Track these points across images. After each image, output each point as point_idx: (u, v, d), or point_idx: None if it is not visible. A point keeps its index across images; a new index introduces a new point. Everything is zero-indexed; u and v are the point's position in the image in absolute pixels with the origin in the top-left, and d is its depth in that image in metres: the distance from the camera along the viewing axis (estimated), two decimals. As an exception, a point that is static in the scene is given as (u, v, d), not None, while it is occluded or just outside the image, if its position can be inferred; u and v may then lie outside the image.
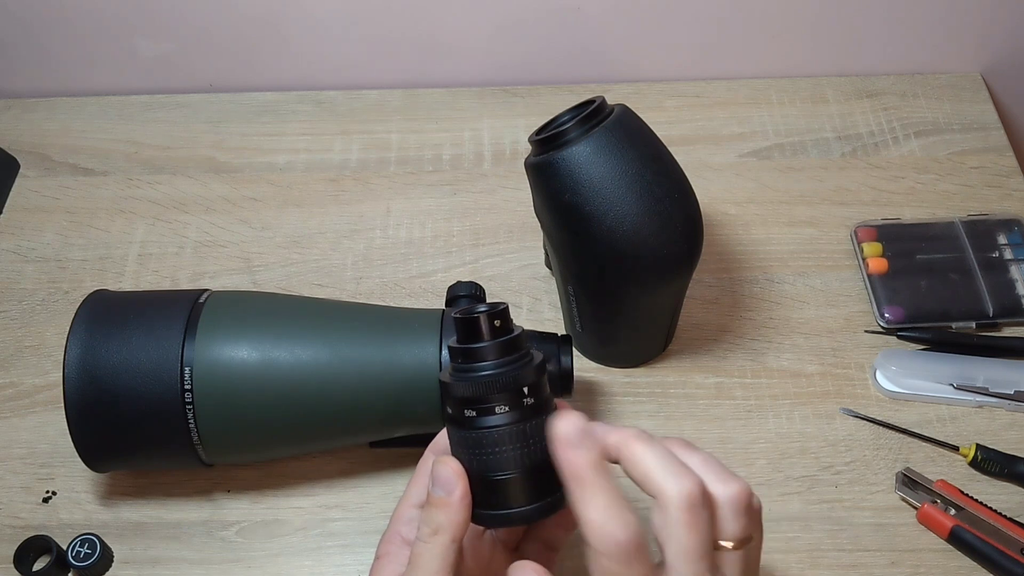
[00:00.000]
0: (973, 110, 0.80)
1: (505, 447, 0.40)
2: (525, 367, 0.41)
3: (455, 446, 0.42)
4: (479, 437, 0.41)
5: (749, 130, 0.79)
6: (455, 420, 0.42)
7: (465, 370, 0.41)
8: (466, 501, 0.41)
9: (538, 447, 0.41)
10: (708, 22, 0.79)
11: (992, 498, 0.58)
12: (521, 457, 0.41)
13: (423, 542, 0.41)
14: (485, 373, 0.41)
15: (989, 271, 0.67)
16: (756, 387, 0.64)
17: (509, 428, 0.40)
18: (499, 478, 0.41)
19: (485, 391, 0.40)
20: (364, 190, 0.75)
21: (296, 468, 0.60)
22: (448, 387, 0.41)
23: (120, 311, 0.54)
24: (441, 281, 0.70)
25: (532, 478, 0.41)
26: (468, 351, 0.41)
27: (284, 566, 0.57)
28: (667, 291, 0.59)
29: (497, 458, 0.41)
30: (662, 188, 0.54)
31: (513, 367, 0.41)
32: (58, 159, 0.78)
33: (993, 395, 0.62)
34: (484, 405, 0.40)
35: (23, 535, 0.57)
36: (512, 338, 0.41)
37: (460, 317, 0.42)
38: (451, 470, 0.41)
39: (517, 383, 0.41)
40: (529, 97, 0.82)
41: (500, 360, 0.41)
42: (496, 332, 0.41)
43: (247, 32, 0.79)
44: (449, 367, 0.42)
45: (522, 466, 0.41)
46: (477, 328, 0.41)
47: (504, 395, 0.40)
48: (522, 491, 0.41)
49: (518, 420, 0.40)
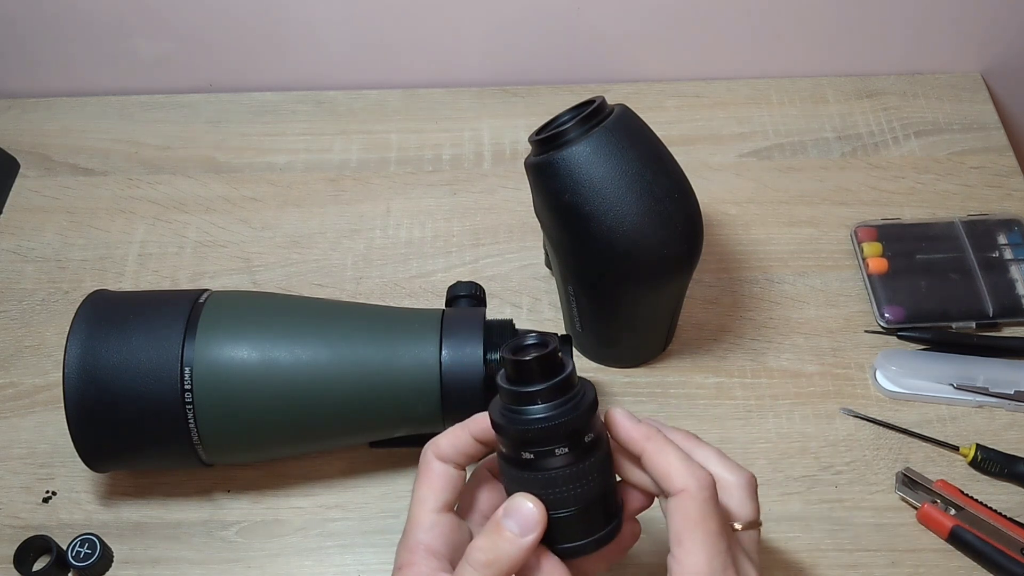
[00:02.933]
0: (973, 110, 0.80)
1: (566, 487, 0.40)
2: (581, 406, 0.40)
3: (510, 481, 0.42)
4: (540, 479, 0.40)
5: (749, 130, 0.79)
6: (512, 460, 0.41)
7: (521, 413, 0.40)
8: (535, 546, 0.40)
9: (596, 482, 0.41)
10: (708, 22, 0.79)
11: (992, 498, 0.58)
12: (581, 495, 0.40)
13: (474, 570, 0.40)
14: (544, 416, 0.39)
15: (989, 271, 0.67)
16: (756, 387, 0.64)
17: (569, 469, 0.40)
18: (559, 516, 0.41)
19: (546, 436, 0.40)
20: (364, 190, 0.75)
21: (296, 468, 0.60)
22: (503, 428, 0.41)
23: (120, 311, 0.54)
24: (441, 281, 0.70)
25: (588, 513, 0.41)
26: (523, 395, 0.40)
27: (284, 566, 0.57)
28: (667, 291, 0.59)
29: (556, 497, 0.40)
30: (662, 188, 0.54)
31: (569, 407, 0.40)
32: (58, 159, 0.78)
33: (993, 395, 0.62)
34: (544, 448, 0.40)
35: (23, 535, 0.57)
36: (567, 376, 0.40)
37: (514, 359, 0.40)
38: (536, 513, 0.40)
39: (576, 425, 0.40)
40: (529, 97, 0.82)
41: (557, 401, 0.40)
42: (550, 373, 0.40)
43: (247, 32, 0.79)
44: (499, 404, 0.41)
45: (581, 502, 0.41)
46: (532, 371, 0.40)
47: (566, 437, 0.40)
48: (580, 526, 0.41)
49: (578, 460, 0.40)
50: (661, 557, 0.41)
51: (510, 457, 0.41)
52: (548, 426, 0.39)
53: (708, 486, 0.40)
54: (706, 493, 0.40)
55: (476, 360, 0.54)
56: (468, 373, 0.54)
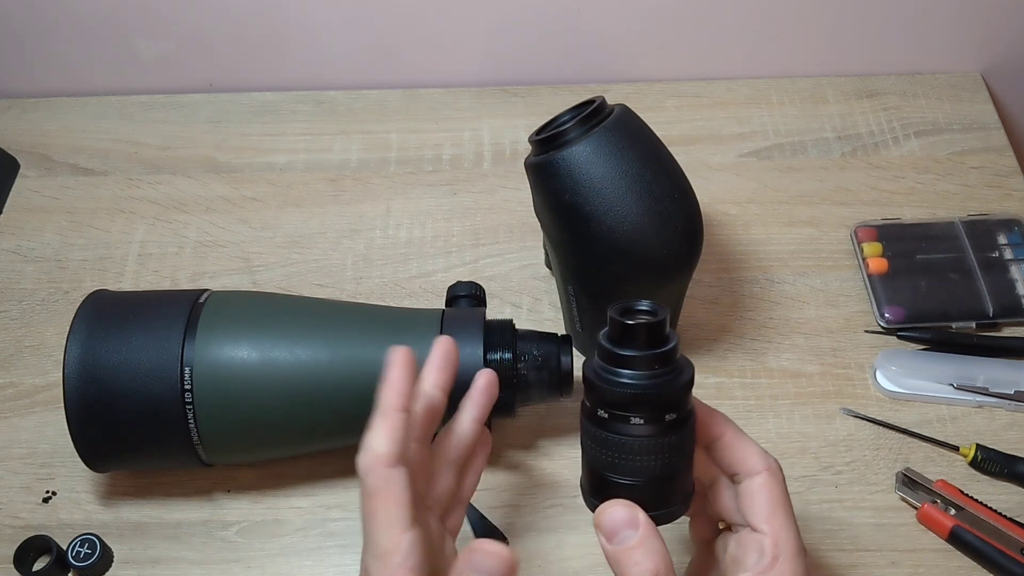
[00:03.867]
0: (973, 110, 0.80)
1: (634, 456, 0.40)
2: (671, 383, 0.40)
3: (584, 434, 0.42)
4: (608, 440, 0.41)
5: (749, 130, 0.79)
6: (590, 415, 0.42)
7: (611, 373, 0.40)
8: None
9: (670, 461, 0.41)
10: (708, 22, 0.79)
11: (992, 498, 0.58)
12: (650, 467, 0.40)
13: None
14: (628, 382, 0.40)
15: (989, 271, 0.67)
16: (756, 387, 0.64)
17: (640, 440, 0.40)
18: (618, 481, 0.41)
19: (624, 401, 0.40)
20: (364, 190, 0.75)
21: (296, 468, 0.60)
22: (590, 384, 0.41)
23: (120, 311, 0.54)
24: (441, 281, 0.70)
25: (651, 489, 0.41)
26: (615, 356, 0.40)
27: (284, 566, 0.57)
28: (667, 291, 0.59)
29: (623, 463, 0.40)
30: (662, 188, 0.54)
31: (658, 381, 0.40)
32: (58, 159, 0.78)
33: (993, 395, 0.62)
34: (621, 412, 0.40)
35: (23, 535, 0.57)
36: (666, 351, 0.40)
37: (617, 319, 0.40)
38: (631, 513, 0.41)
39: (659, 399, 0.40)
40: (529, 97, 0.82)
41: (649, 372, 0.40)
42: (651, 343, 0.40)
43: (247, 32, 0.79)
44: (596, 361, 0.42)
45: (646, 476, 0.41)
46: (632, 335, 0.40)
47: (643, 409, 0.40)
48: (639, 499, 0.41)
49: (654, 434, 0.40)
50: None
51: (590, 412, 0.41)
52: (628, 390, 0.40)
53: (780, 469, 0.44)
54: (782, 475, 0.44)
55: (476, 360, 0.54)
56: (468, 373, 0.54)
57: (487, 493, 0.59)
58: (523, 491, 0.60)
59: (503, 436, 0.61)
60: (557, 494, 0.59)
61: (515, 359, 0.55)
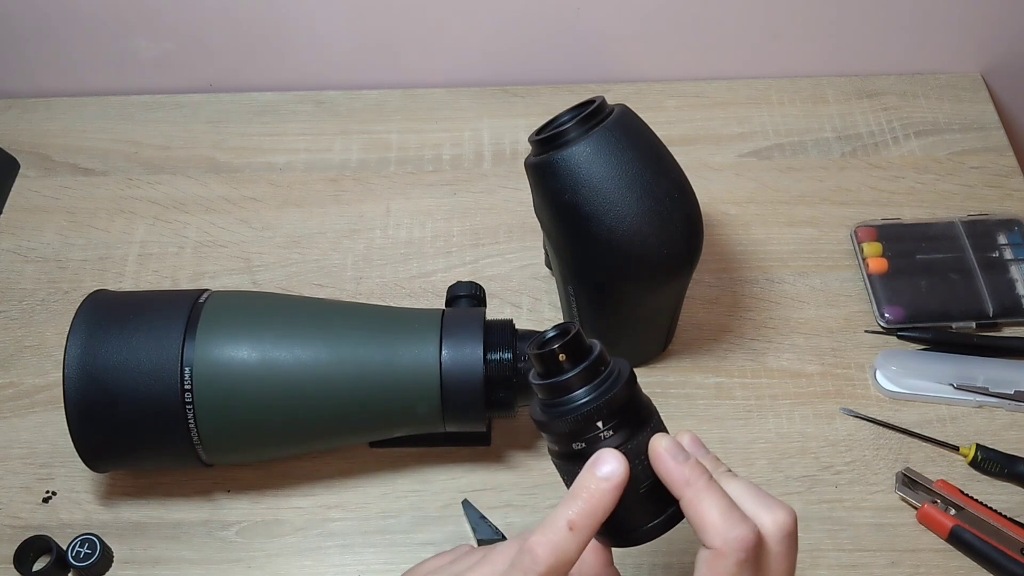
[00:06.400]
0: (973, 110, 0.80)
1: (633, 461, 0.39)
2: (617, 384, 0.39)
3: (569, 477, 0.41)
4: None
5: (749, 130, 0.79)
6: (564, 455, 0.40)
7: (558, 404, 0.40)
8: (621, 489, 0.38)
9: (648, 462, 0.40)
10: (708, 22, 0.79)
11: (992, 498, 0.58)
12: (645, 471, 0.39)
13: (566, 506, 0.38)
14: (582, 402, 0.39)
15: (989, 271, 0.67)
16: (756, 387, 0.64)
17: (625, 447, 0.39)
18: (626, 493, 0.39)
19: (587, 423, 0.39)
20: (364, 190, 0.75)
21: (296, 468, 0.60)
22: (546, 426, 0.40)
23: (120, 311, 0.54)
24: (441, 281, 0.70)
25: (652, 495, 0.40)
26: (555, 386, 0.39)
27: (284, 566, 0.57)
28: (667, 291, 0.59)
29: None
30: (662, 188, 0.54)
31: (605, 388, 0.39)
32: (58, 159, 0.78)
33: (993, 395, 0.62)
34: (590, 435, 0.39)
35: (23, 535, 0.57)
36: (596, 358, 0.39)
37: (538, 352, 0.40)
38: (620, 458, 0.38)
39: (615, 404, 0.39)
40: (529, 97, 0.82)
41: (592, 384, 0.39)
42: (578, 358, 0.39)
43: (247, 32, 0.79)
44: (538, 404, 0.41)
45: (647, 478, 0.39)
46: (557, 361, 0.39)
47: (609, 420, 0.39)
48: (644, 510, 0.40)
49: (628, 439, 0.39)
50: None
51: (562, 453, 0.41)
52: (586, 411, 0.39)
53: (745, 547, 0.37)
54: (741, 556, 0.37)
55: (476, 360, 0.54)
56: (468, 373, 0.54)
57: (487, 493, 0.59)
58: (523, 491, 0.60)
59: (503, 436, 0.61)
60: (557, 494, 0.59)
61: (515, 359, 0.55)
